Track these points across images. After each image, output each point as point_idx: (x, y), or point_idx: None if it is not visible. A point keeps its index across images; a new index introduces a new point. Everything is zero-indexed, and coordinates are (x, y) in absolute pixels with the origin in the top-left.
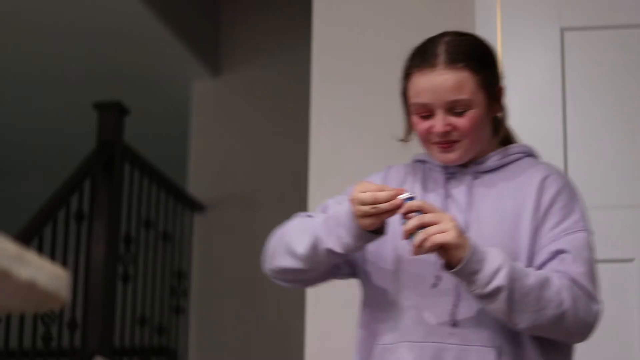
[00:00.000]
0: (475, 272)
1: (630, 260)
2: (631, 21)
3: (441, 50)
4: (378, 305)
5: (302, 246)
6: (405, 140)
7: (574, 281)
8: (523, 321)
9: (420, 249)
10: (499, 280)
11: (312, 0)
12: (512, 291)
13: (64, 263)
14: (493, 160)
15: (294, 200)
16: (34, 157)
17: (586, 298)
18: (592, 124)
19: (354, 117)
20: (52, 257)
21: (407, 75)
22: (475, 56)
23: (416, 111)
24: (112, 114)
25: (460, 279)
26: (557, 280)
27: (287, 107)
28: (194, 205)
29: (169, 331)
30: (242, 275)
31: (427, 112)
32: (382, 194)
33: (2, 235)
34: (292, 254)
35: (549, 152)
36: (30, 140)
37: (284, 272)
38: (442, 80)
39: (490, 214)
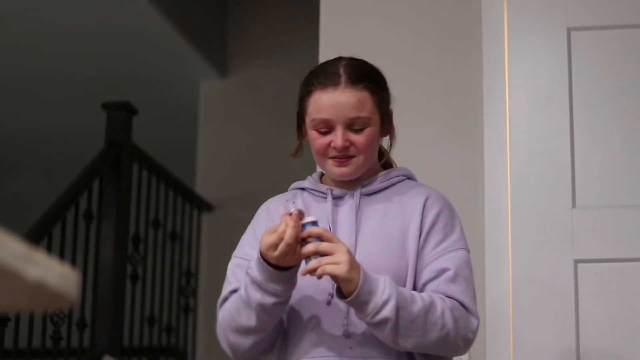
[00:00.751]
0: (364, 303)
1: (637, 259)
2: (638, 21)
3: (343, 71)
4: (289, 326)
5: (251, 320)
6: (295, 156)
7: (455, 301)
8: (408, 345)
9: (310, 273)
10: (386, 312)
11: (319, 1)
12: (398, 320)
13: (73, 263)
14: (378, 182)
15: None
16: (42, 157)
17: (467, 315)
18: (599, 124)
19: None
20: (61, 257)
21: (308, 92)
22: (373, 78)
23: (316, 127)
24: (120, 114)
25: (351, 307)
26: (440, 302)
27: (294, 107)
28: (202, 205)
29: (177, 331)
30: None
31: (327, 128)
32: (287, 232)
33: (11, 235)
34: (248, 331)
35: (556, 152)
36: (39, 141)
37: (254, 351)
38: (345, 98)
39: (377, 234)
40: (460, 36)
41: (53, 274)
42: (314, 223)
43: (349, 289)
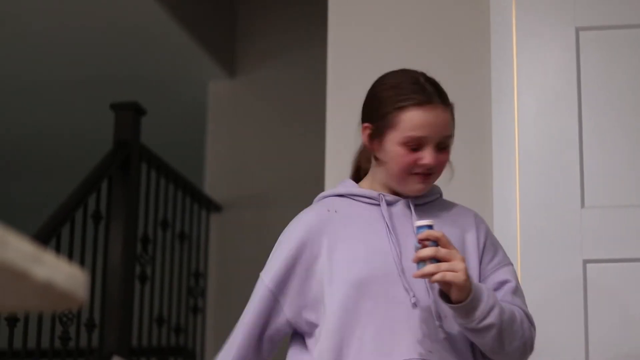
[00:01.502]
0: (472, 309)
1: None
2: None
3: (432, 88)
4: (340, 330)
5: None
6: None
7: (524, 312)
8: (510, 349)
9: (425, 277)
10: (492, 317)
11: (327, 0)
12: (502, 325)
13: (82, 263)
14: (427, 196)
15: (311, 199)
16: (51, 158)
17: (532, 326)
18: (608, 124)
19: None
20: (70, 257)
21: (399, 108)
22: (449, 99)
23: (408, 143)
24: (128, 114)
25: (456, 313)
26: (518, 312)
27: (303, 107)
28: (211, 205)
29: (186, 331)
30: (258, 275)
31: (418, 145)
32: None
33: (19, 235)
34: None
35: (564, 151)
36: (48, 142)
37: None
38: (442, 117)
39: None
40: (469, 36)
41: (62, 274)
42: (430, 227)
43: (461, 297)
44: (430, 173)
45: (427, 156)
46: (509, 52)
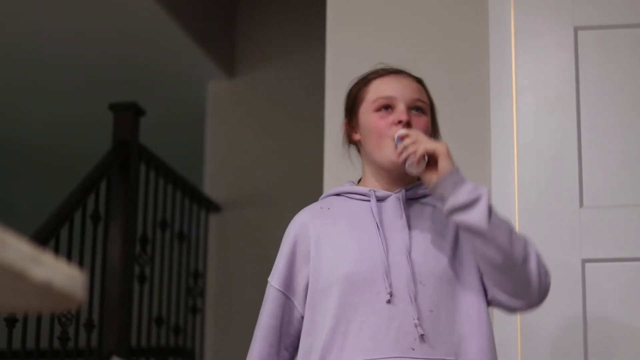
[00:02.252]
0: (461, 182)
1: None
2: None
3: (400, 69)
4: (326, 327)
5: None
6: (348, 146)
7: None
8: (494, 230)
9: (409, 154)
10: (481, 190)
11: (326, 1)
12: (490, 206)
13: (81, 264)
14: (420, 189)
15: (310, 199)
16: (50, 158)
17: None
18: (607, 124)
19: None
20: (69, 257)
21: (365, 83)
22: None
23: (378, 106)
24: (127, 114)
25: (444, 190)
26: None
27: (302, 107)
28: (210, 206)
29: (185, 331)
30: (258, 275)
31: (390, 106)
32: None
33: (18, 236)
34: None
35: (563, 151)
36: (46, 142)
37: None
38: (409, 82)
39: (428, 234)
40: (467, 36)
41: (60, 274)
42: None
43: (448, 167)
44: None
45: (400, 114)
46: (507, 52)
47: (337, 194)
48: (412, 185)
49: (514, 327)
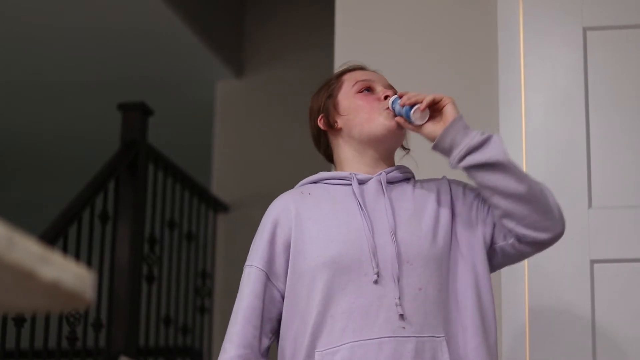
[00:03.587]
0: (467, 127)
1: None
2: None
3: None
4: (314, 309)
5: None
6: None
7: None
8: (519, 168)
9: (417, 100)
10: (489, 133)
11: (334, 2)
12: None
13: (89, 263)
14: (400, 171)
15: None
16: (59, 158)
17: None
18: (615, 124)
19: None
20: (77, 257)
21: (337, 78)
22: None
23: (360, 87)
24: (136, 114)
25: (455, 134)
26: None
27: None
28: (218, 205)
29: (193, 331)
30: None
31: (370, 88)
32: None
33: (26, 236)
34: None
35: (572, 152)
36: (56, 142)
37: None
38: (380, 75)
39: (414, 215)
40: (476, 36)
41: (69, 274)
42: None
43: (454, 114)
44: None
45: (384, 92)
46: (516, 52)
47: (315, 182)
48: (392, 168)
49: (522, 327)
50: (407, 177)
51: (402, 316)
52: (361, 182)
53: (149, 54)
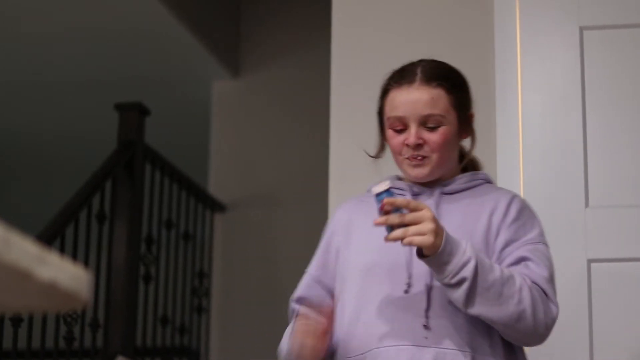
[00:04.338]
0: (444, 264)
1: None
2: None
3: (418, 70)
4: (344, 318)
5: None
6: (377, 156)
7: (535, 283)
8: (476, 311)
9: (395, 240)
10: (465, 272)
11: (331, 1)
12: (475, 283)
13: (86, 263)
14: (459, 182)
15: (315, 199)
16: (55, 158)
17: (546, 300)
18: (612, 123)
19: (373, 115)
20: (74, 257)
21: (385, 92)
22: (449, 78)
23: (391, 125)
24: (132, 114)
25: (430, 267)
26: (520, 279)
27: (307, 106)
28: (215, 205)
29: (190, 331)
30: (263, 275)
31: (402, 126)
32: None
33: (23, 236)
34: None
35: (569, 151)
36: (52, 142)
37: None
38: (418, 95)
39: (458, 232)
40: (473, 36)
41: (66, 274)
42: (388, 191)
43: (431, 252)
44: (422, 156)
45: (409, 136)
46: (513, 52)
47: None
48: (449, 180)
49: None
50: (473, 185)
51: (426, 327)
52: (416, 194)
53: (146, 54)
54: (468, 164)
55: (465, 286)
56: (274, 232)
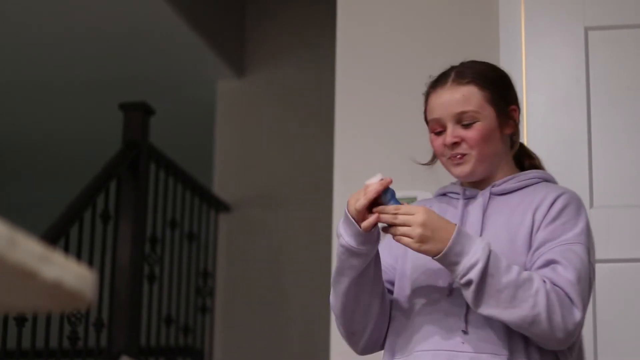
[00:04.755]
0: (453, 264)
1: None
2: None
3: (452, 72)
4: (396, 318)
5: (334, 271)
6: (430, 164)
7: (559, 287)
8: (487, 312)
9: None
10: (472, 274)
11: (336, 0)
12: (483, 286)
13: (90, 263)
14: (510, 182)
15: (320, 199)
16: (60, 158)
17: (569, 306)
18: (617, 124)
19: (378, 115)
20: (79, 257)
21: (425, 99)
22: (483, 75)
23: (432, 128)
24: (137, 114)
25: (443, 266)
26: (539, 282)
27: (312, 106)
28: (219, 205)
29: (194, 331)
30: (267, 275)
31: (441, 128)
32: (360, 201)
33: (28, 235)
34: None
35: (573, 151)
36: (56, 143)
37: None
38: (450, 94)
39: (500, 233)
40: (478, 36)
41: (70, 274)
42: (392, 192)
43: (434, 251)
44: (462, 154)
45: (446, 136)
46: (518, 52)
47: (444, 194)
48: (500, 180)
49: None
50: (525, 184)
51: (464, 332)
52: (468, 198)
53: (150, 54)
54: (527, 163)
55: (472, 288)
56: (278, 232)
